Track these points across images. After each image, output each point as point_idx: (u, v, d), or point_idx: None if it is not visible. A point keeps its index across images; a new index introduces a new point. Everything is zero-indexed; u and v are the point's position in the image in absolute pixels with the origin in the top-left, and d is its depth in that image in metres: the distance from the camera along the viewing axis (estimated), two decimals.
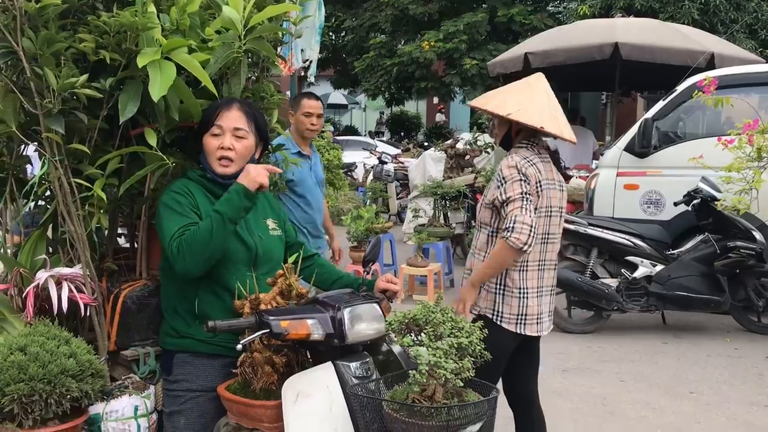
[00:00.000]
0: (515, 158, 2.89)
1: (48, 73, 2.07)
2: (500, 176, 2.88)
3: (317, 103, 4.35)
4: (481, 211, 3.01)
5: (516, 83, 3.04)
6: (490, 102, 2.96)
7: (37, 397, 1.98)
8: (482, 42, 17.06)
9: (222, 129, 2.26)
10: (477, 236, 3.04)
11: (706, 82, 5.30)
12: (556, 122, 2.92)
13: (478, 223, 3.02)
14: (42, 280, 2.21)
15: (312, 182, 4.33)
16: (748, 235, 5.84)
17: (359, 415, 1.94)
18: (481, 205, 3.01)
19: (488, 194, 2.95)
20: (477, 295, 2.96)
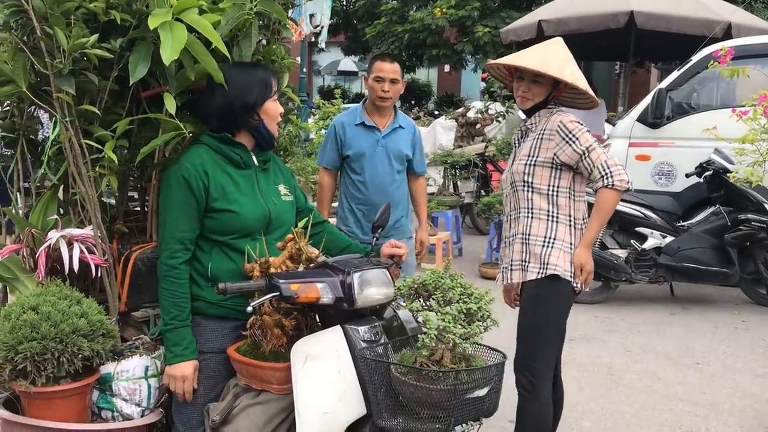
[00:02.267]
0: (569, 115, 2.78)
1: (58, 32, 2.06)
2: (564, 132, 2.70)
3: (391, 66, 3.68)
4: (527, 173, 2.77)
5: (551, 45, 2.80)
6: (546, 65, 2.68)
7: (50, 355, 2.01)
8: (495, 9, 16.82)
9: (276, 95, 2.36)
10: (525, 199, 2.79)
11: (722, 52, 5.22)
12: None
13: (526, 185, 2.78)
14: (53, 241, 2.23)
15: (376, 158, 3.72)
16: (760, 207, 5.79)
17: (367, 378, 1.96)
18: (528, 166, 2.77)
19: (539, 153, 2.75)
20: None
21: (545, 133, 2.76)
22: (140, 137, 2.38)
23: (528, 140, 2.84)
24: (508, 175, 2.90)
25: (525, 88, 2.79)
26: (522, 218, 2.80)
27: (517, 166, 2.81)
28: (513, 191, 2.85)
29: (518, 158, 2.83)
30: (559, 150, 2.71)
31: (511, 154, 3.01)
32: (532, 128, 2.84)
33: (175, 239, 2.20)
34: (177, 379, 2.20)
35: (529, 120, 2.87)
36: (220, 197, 2.22)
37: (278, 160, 2.56)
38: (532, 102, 2.81)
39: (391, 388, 1.93)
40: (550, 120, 2.77)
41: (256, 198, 2.30)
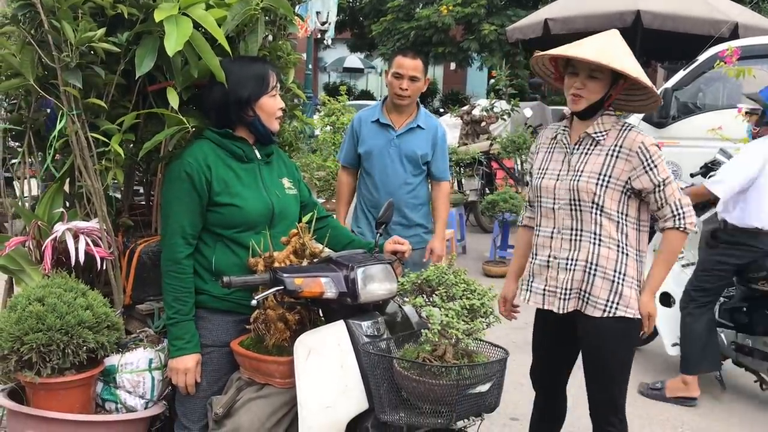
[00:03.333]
0: (648, 136, 2.47)
1: (66, 26, 2.07)
2: (645, 155, 2.40)
3: (412, 62, 3.40)
4: (598, 195, 2.44)
5: (609, 36, 2.48)
6: (607, 56, 2.36)
7: (55, 346, 2.03)
8: (501, 7, 16.82)
9: (275, 90, 2.34)
10: (593, 222, 2.47)
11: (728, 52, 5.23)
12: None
13: (596, 207, 2.46)
14: (59, 233, 2.24)
15: (387, 158, 3.47)
16: None
17: (370, 372, 1.97)
18: (600, 186, 2.44)
19: (613, 173, 2.44)
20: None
21: (622, 152, 2.44)
22: (146, 131, 2.39)
23: (595, 154, 2.48)
24: (561, 189, 2.52)
25: (579, 85, 2.43)
26: (586, 243, 2.47)
27: (586, 184, 2.44)
28: (574, 209, 2.49)
29: (583, 173, 2.47)
30: (634, 175, 2.42)
31: (543, 159, 2.64)
32: (600, 139, 2.48)
33: (177, 234, 2.21)
34: (180, 372, 2.21)
35: (594, 128, 2.49)
36: (223, 191, 2.23)
37: (282, 153, 2.57)
38: (587, 102, 2.45)
39: (394, 383, 1.94)
40: (628, 137, 2.44)
41: (259, 191, 2.31)
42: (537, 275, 2.60)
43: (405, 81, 3.39)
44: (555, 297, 2.54)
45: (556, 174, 2.55)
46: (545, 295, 2.56)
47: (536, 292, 2.60)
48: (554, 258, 2.54)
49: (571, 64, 2.46)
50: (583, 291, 2.49)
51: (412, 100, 3.46)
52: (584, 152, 2.51)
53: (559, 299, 2.52)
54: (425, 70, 3.48)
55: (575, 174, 2.49)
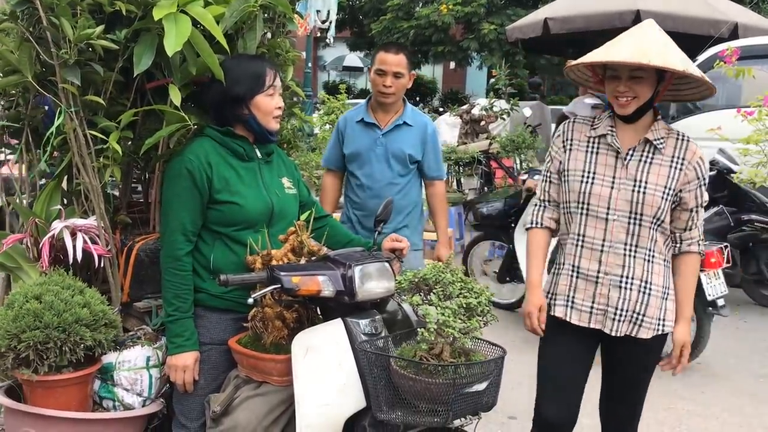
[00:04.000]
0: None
1: (64, 23, 2.07)
2: (701, 172, 2.33)
3: (395, 57, 3.25)
4: (663, 209, 2.30)
5: (646, 29, 2.28)
6: (647, 54, 2.15)
7: (52, 344, 2.03)
8: (501, 6, 16.82)
9: (274, 89, 2.31)
10: (651, 238, 2.32)
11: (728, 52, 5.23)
12: None
13: (656, 223, 2.32)
14: (57, 231, 2.24)
15: (373, 158, 3.33)
16: (763, 208, 5.78)
17: (367, 371, 1.97)
18: (665, 201, 2.30)
19: (676, 186, 2.31)
20: None
21: (683, 164, 2.31)
22: (144, 129, 2.39)
23: (657, 164, 2.31)
24: (619, 199, 2.31)
25: (624, 88, 2.25)
26: (641, 261, 2.32)
27: (652, 197, 2.28)
28: (633, 223, 2.31)
29: (648, 184, 2.30)
30: (686, 188, 2.31)
31: (585, 161, 2.39)
32: (662, 147, 2.32)
33: (178, 231, 2.21)
34: (178, 369, 2.21)
35: (654, 134, 2.32)
36: (224, 189, 2.23)
37: (282, 153, 2.56)
38: (637, 104, 2.27)
39: (391, 382, 1.94)
40: (689, 149, 2.32)
41: (259, 190, 2.31)
42: (580, 290, 2.38)
43: (389, 78, 3.25)
44: (606, 317, 2.36)
45: (611, 181, 2.33)
46: (593, 314, 2.37)
47: (581, 309, 2.39)
48: (605, 274, 2.34)
49: (610, 67, 2.28)
50: (637, 313, 2.33)
51: (396, 98, 3.32)
52: (644, 160, 2.32)
53: (612, 320, 2.35)
54: (409, 65, 3.33)
55: (638, 184, 2.30)
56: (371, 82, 3.37)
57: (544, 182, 2.52)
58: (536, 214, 2.53)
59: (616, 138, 2.35)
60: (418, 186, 3.47)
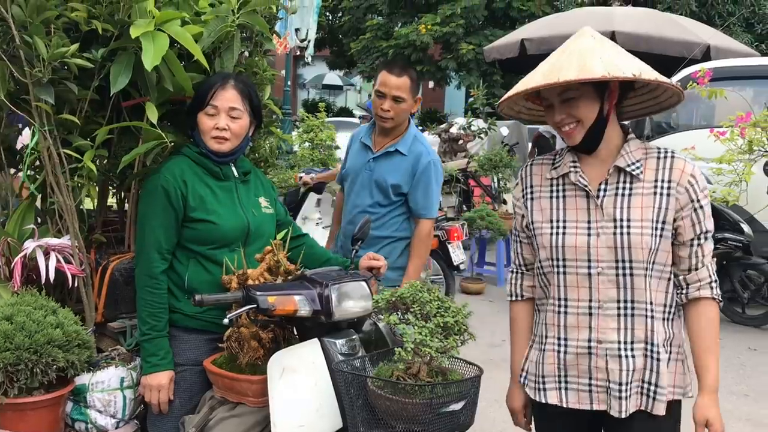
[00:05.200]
0: (694, 163, 1.92)
1: (38, 41, 2.05)
2: (695, 191, 1.89)
3: (397, 80, 2.98)
4: (653, 249, 1.88)
5: (569, 43, 1.89)
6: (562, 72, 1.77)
7: (23, 366, 1.99)
8: (479, 27, 16.99)
9: (217, 109, 2.24)
10: (647, 289, 1.90)
11: (700, 73, 5.33)
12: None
13: (650, 267, 1.89)
14: (30, 250, 2.21)
15: (358, 182, 3.15)
16: (736, 227, 5.87)
17: (344, 391, 1.96)
18: (656, 238, 1.88)
19: (668, 217, 1.89)
20: None
21: (671, 187, 1.88)
22: (120, 147, 2.38)
23: (639, 194, 1.89)
24: (600, 247, 1.90)
25: (561, 115, 1.89)
26: (641, 319, 1.89)
27: (640, 237, 1.86)
28: (621, 274, 1.89)
29: (632, 222, 1.87)
30: (679, 216, 1.89)
31: (550, 208, 2.00)
32: (638, 173, 1.89)
33: (153, 248, 2.19)
34: (153, 389, 2.18)
35: (625, 159, 1.90)
36: (199, 207, 2.22)
37: (259, 172, 2.56)
38: (583, 129, 1.88)
39: (368, 402, 1.93)
40: (674, 167, 1.89)
41: (235, 209, 2.30)
42: (572, 366, 1.95)
43: (387, 101, 3.00)
44: (609, 395, 1.92)
45: (586, 227, 1.92)
46: (593, 392, 1.94)
47: (578, 389, 1.96)
48: (599, 343, 1.91)
49: (543, 95, 1.94)
50: (648, 383, 1.91)
51: (396, 123, 3.05)
52: (621, 194, 1.90)
53: (618, 398, 1.90)
54: (414, 87, 3.04)
55: (619, 225, 1.88)
56: (372, 102, 3.16)
57: (515, 244, 2.14)
58: (513, 284, 2.15)
59: (581, 174, 1.94)
60: (403, 220, 3.16)
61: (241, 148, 2.34)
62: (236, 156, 2.34)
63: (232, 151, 2.28)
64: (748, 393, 4.63)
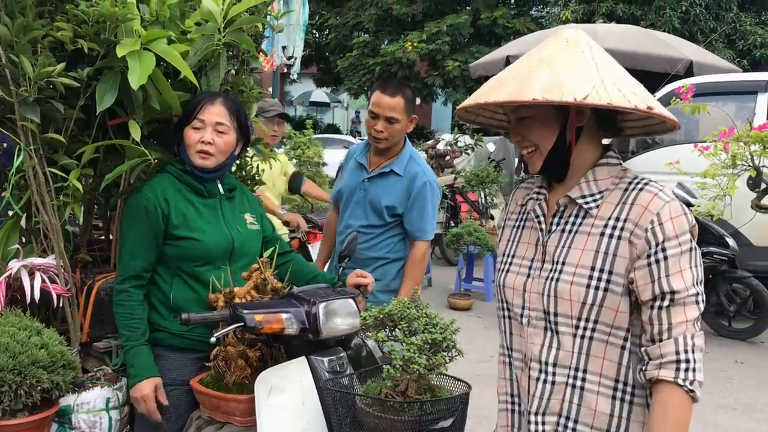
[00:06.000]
0: (668, 192, 1.50)
1: (24, 60, 2.05)
2: (657, 235, 1.46)
3: (390, 100, 2.91)
4: (594, 304, 1.51)
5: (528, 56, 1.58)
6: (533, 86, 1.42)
7: (6, 387, 1.96)
8: (465, 44, 17.15)
9: (204, 123, 2.24)
10: (581, 353, 1.54)
11: (683, 89, 5.40)
12: (652, 98, 1.51)
13: (588, 327, 1.53)
14: (14, 270, 2.19)
15: (353, 202, 3.09)
16: (721, 241, 5.92)
17: (332, 409, 1.94)
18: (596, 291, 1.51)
19: (615, 266, 1.50)
20: None
21: (624, 228, 1.50)
22: (105, 166, 2.37)
23: (584, 233, 1.55)
24: (533, 292, 1.61)
25: (517, 137, 1.61)
26: (560, 388, 1.56)
27: (569, 286, 1.52)
28: (550, 329, 1.58)
29: (565, 266, 1.55)
30: (637, 267, 1.48)
31: (509, 238, 1.74)
32: (592, 208, 1.55)
33: (129, 266, 2.22)
34: (138, 401, 2.18)
35: (581, 190, 1.57)
36: (182, 225, 2.21)
37: (245, 188, 2.56)
38: (541, 155, 1.58)
39: (356, 420, 1.92)
40: (636, 203, 1.49)
41: (219, 226, 2.29)
42: (524, 428, 1.67)
43: (380, 122, 2.94)
44: None
45: (528, 266, 1.63)
46: None
47: None
48: (527, 412, 1.63)
49: (505, 110, 1.66)
50: None
51: (390, 143, 3.00)
52: (568, 230, 1.58)
53: None
54: (409, 107, 2.96)
55: (554, 268, 1.57)
56: (365, 122, 3.11)
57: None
58: None
59: (539, 203, 1.65)
60: (397, 241, 3.08)
61: (226, 165, 2.34)
62: (221, 173, 2.33)
63: (216, 167, 2.28)
64: (735, 407, 4.64)
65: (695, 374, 1.42)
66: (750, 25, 13.65)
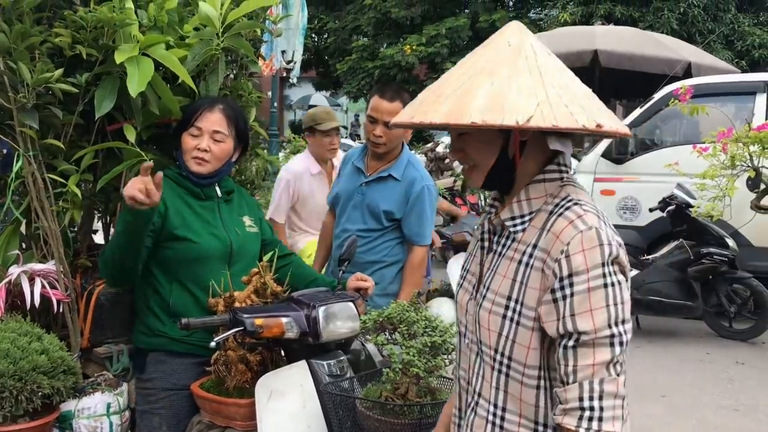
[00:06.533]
0: (589, 218, 1.33)
1: (22, 67, 2.06)
2: (564, 268, 1.30)
3: (389, 105, 2.88)
4: (506, 336, 1.39)
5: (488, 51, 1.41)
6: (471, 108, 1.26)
7: (7, 393, 1.97)
8: (464, 47, 17.16)
9: (201, 130, 2.25)
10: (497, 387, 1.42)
11: (682, 90, 5.41)
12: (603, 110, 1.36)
13: (500, 360, 1.41)
14: (14, 276, 2.19)
15: (350, 206, 3.06)
16: (721, 241, 5.92)
17: (332, 413, 1.95)
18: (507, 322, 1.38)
19: (525, 295, 1.36)
20: None
21: (536, 257, 1.36)
22: (105, 171, 2.37)
23: (507, 259, 1.42)
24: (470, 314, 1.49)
25: (458, 153, 1.47)
26: (480, 422, 1.44)
27: (487, 316, 1.41)
28: (478, 354, 1.47)
29: (488, 293, 1.43)
30: (544, 301, 1.33)
31: (469, 255, 1.58)
32: (519, 232, 1.41)
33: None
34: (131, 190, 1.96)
35: (513, 210, 1.43)
36: (180, 226, 2.22)
37: (243, 191, 2.56)
38: (480, 173, 1.44)
39: (357, 423, 1.92)
40: (551, 230, 1.35)
41: (217, 229, 2.29)
42: None
43: (379, 127, 2.91)
44: None
45: (474, 283, 1.51)
46: None
47: None
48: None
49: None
50: None
51: (388, 148, 2.98)
52: (498, 252, 1.45)
53: None
54: None
55: (480, 294, 1.46)
56: (364, 126, 3.08)
57: None
58: None
59: (489, 218, 1.52)
60: (395, 245, 3.06)
61: (223, 171, 2.34)
62: (218, 178, 2.34)
63: (211, 173, 2.29)
64: (737, 407, 4.64)
65: (601, 424, 1.27)
66: (748, 26, 13.67)
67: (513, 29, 1.43)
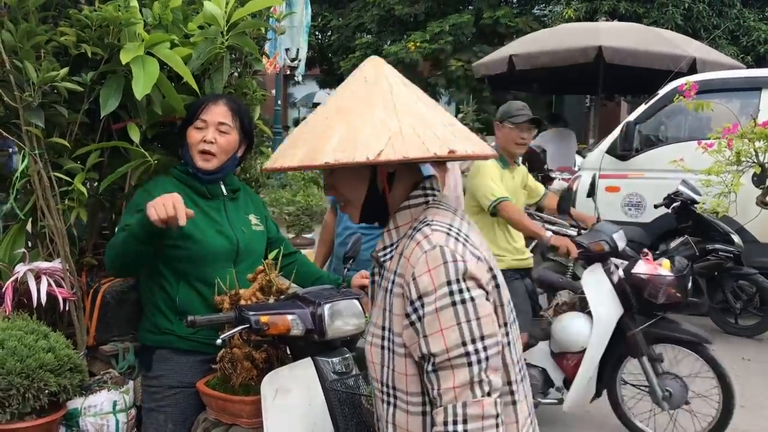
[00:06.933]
0: (435, 237, 1.33)
1: (28, 66, 2.06)
2: (412, 289, 1.32)
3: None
4: (386, 366, 1.41)
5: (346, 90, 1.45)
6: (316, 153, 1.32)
7: (15, 391, 1.98)
8: (468, 43, 17.12)
9: (206, 123, 2.24)
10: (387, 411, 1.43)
11: (686, 86, 5.39)
12: (462, 135, 1.41)
13: (388, 393, 1.42)
14: (21, 274, 2.20)
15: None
16: (727, 238, 5.90)
17: (338, 410, 1.95)
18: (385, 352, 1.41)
19: (394, 324, 1.39)
20: None
21: (397, 284, 1.39)
22: (110, 169, 2.38)
23: (382, 291, 1.45)
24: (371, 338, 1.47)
25: (331, 190, 1.52)
26: None
27: (370, 349, 1.45)
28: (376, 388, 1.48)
29: (371, 327, 1.47)
30: (403, 327, 1.36)
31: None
32: (386, 260, 1.45)
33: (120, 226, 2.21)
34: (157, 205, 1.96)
35: (384, 240, 1.48)
36: (187, 225, 2.21)
37: (249, 190, 2.56)
38: (354, 208, 1.49)
39: (363, 421, 1.93)
40: (404, 253, 1.38)
41: (223, 227, 2.30)
42: None
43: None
44: None
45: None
46: None
47: None
48: None
49: None
50: None
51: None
52: (377, 283, 1.50)
53: None
54: None
55: (368, 329, 1.51)
56: None
57: None
58: None
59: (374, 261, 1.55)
60: None
61: (228, 167, 2.33)
62: (223, 174, 2.33)
63: (218, 168, 2.28)
64: (743, 404, 4.62)
65: None
66: (754, 21, 13.60)
67: (369, 66, 1.47)
